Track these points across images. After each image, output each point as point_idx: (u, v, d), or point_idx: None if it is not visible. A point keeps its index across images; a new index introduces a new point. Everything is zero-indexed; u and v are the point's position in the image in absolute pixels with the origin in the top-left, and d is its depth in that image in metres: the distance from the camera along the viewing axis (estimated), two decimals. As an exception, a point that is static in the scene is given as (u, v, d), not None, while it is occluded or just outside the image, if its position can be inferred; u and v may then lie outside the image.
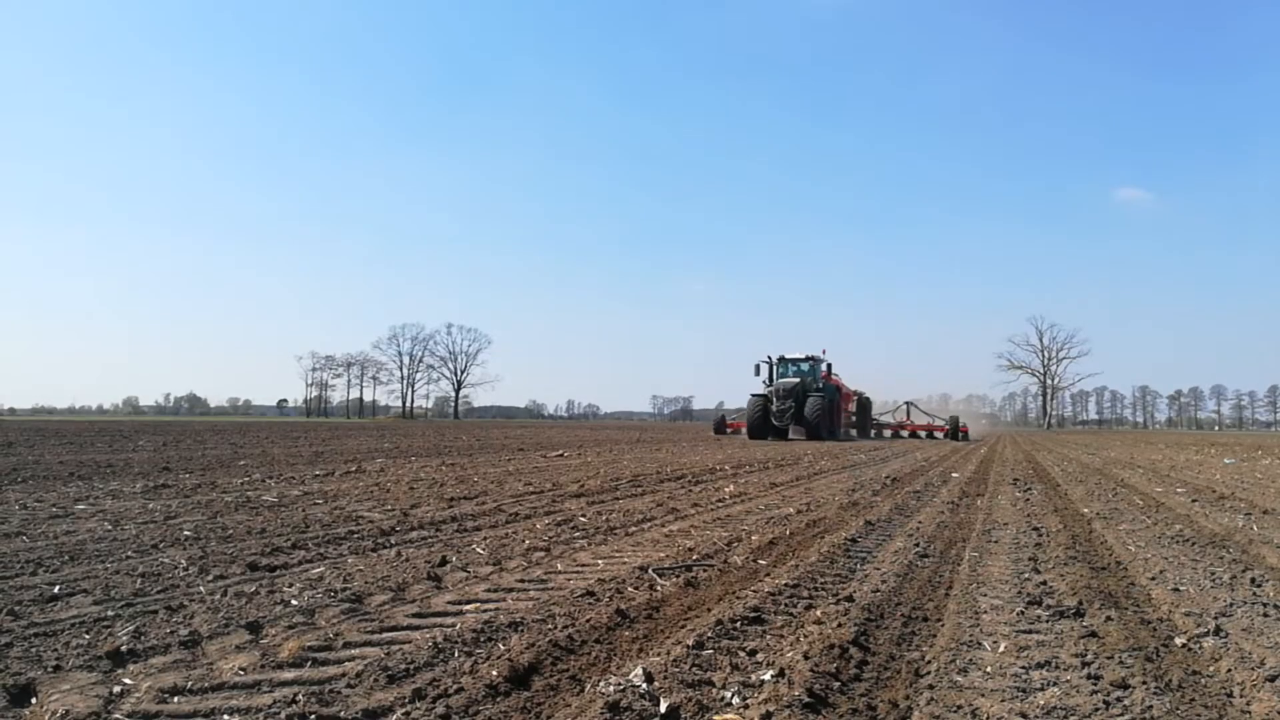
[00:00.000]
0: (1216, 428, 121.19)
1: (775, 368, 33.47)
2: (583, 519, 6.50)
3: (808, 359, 33.41)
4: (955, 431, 36.05)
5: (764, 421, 30.67)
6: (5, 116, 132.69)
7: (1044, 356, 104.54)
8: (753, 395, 32.01)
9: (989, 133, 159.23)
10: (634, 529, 6.13)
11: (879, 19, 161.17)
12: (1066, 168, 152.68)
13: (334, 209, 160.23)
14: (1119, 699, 2.55)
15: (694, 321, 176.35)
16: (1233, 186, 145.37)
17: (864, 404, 37.26)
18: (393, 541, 5.31)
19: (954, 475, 11.90)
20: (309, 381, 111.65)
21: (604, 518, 6.59)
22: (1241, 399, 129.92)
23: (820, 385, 32.09)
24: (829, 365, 33.48)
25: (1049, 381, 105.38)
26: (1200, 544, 5.48)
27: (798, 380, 31.64)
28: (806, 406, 30.19)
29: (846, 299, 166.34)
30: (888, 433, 38.04)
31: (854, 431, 36.55)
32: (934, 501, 8.18)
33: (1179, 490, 9.67)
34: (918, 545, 5.31)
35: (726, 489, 9.23)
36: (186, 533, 5.41)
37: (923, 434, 37.19)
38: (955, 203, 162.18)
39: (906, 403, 41.01)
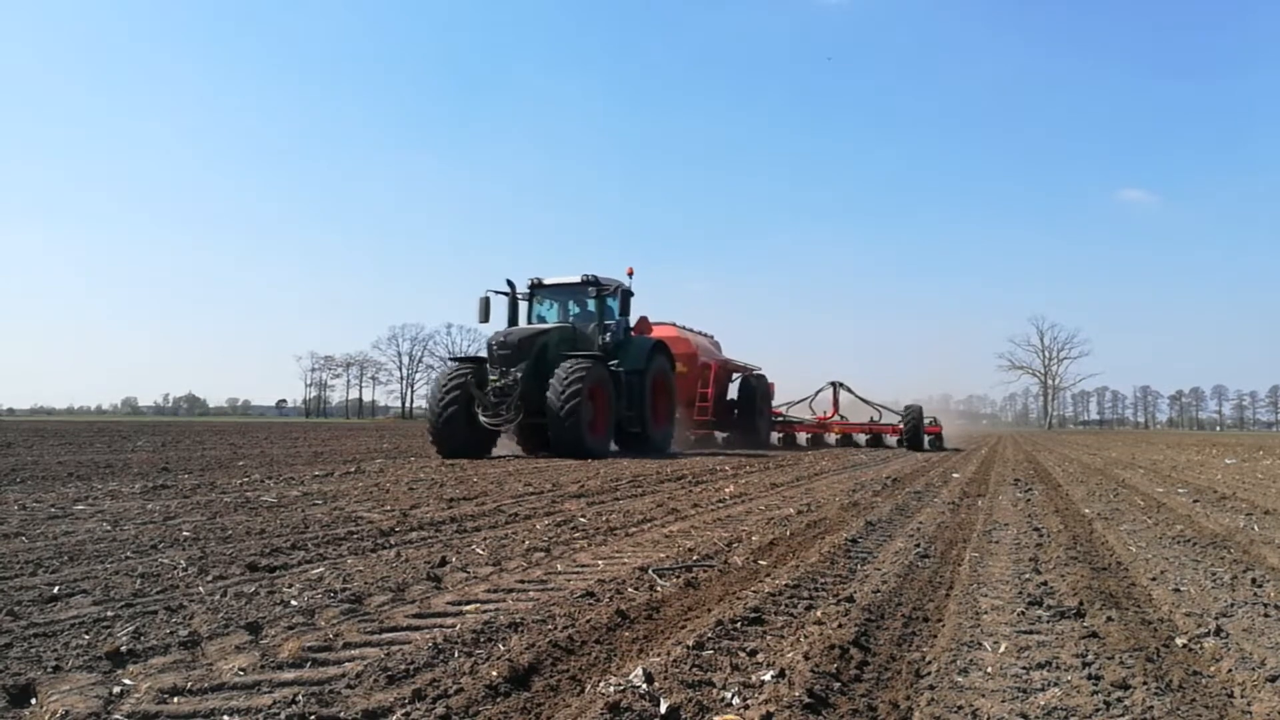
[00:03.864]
0: (1218, 428, 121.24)
1: (531, 304, 16.47)
2: (582, 519, 6.49)
3: (586, 283, 15.93)
4: (917, 433, 21.03)
5: (460, 416, 14.04)
6: (5, 116, 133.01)
7: (1045, 357, 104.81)
8: (451, 360, 16.61)
9: (991, 134, 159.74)
10: (634, 529, 6.12)
11: (880, 19, 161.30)
12: (1069, 169, 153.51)
13: (334, 209, 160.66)
14: (1120, 699, 2.55)
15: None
16: (1235, 188, 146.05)
17: (752, 389, 22.54)
18: (392, 542, 5.30)
19: (954, 476, 11.90)
20: (308, 382, 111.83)
21: (604, 518, 6.58)
22: (1243, 399, 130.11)
23: (611, 339, 15.72)
24: (628, 293, 16.28)
25: (1050, 382, 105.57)
26: (1201, 544, 5.47)
27: (545, 330, 15.14)
28: (552, 384, 13.77)
29: (847, 299, 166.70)
30: (803, 438, 23.15)
31: (719, 434, 22.47)
32: (934, 502, 8.17)
33: (1180, 491, 9.66)
34: (918, 546, 5.31)
35: (727, 489, 9.22)
36: (186, 533, 5.41)
37: (861, 437, 22.77)
38: (957, 204, 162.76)
39: (833, 384, 23.60)
